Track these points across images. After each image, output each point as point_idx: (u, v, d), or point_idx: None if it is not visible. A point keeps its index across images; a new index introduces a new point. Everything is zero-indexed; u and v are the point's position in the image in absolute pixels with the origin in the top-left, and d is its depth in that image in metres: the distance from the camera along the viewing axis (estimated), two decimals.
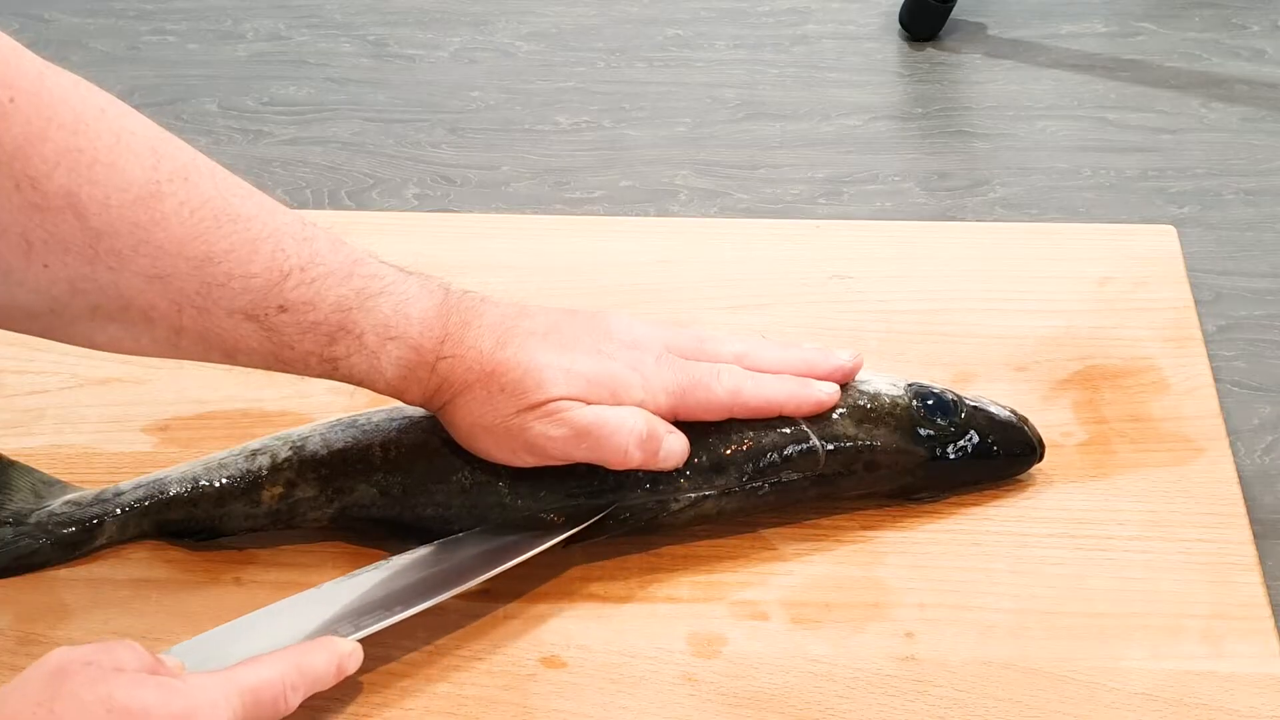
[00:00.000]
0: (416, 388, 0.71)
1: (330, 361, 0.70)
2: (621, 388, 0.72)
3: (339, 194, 1.89)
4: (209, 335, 0.69)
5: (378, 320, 0.70)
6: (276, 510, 0.75)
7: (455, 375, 0.71)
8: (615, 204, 1.87)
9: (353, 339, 0.70)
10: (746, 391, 0.73)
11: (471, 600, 0.73)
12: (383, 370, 0.71)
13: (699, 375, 0.73)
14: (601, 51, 2.14)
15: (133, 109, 0.68)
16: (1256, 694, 0.68)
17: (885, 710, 0.68)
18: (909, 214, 1.83)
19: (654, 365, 0.73)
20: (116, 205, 0.65)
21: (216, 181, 0.68)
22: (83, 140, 0.65)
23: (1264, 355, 1.63)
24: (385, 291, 0.70)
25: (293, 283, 0.68)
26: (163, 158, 0.67)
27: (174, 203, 0.66)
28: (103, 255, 0.66)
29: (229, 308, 0.68)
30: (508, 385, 0.70)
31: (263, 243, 0.68)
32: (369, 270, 0.70)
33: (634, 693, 0.69)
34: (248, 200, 0.69)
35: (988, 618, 0.71)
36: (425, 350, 0.70)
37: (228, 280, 0.67)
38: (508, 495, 0.73)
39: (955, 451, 0.76)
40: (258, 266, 0.68)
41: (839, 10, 2.21)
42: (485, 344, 0.71)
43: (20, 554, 0.74)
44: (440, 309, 0.71)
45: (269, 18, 2.22)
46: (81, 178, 0.65)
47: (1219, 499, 0.76)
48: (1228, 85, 2.04)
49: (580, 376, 0.71)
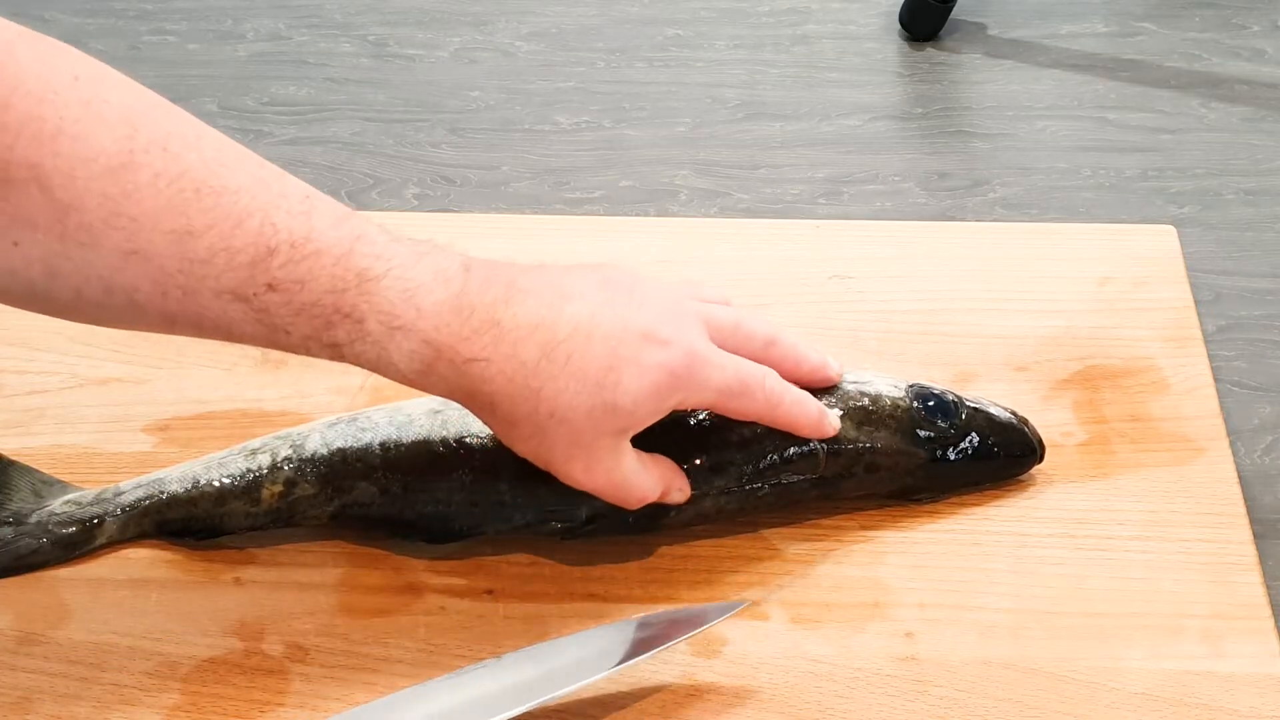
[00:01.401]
0: (441, 385, 0.67)
1: (333, 347, 0.66)
2: (671, 390, 0.68)
3: (339, 194, 1.89)
4: (201, 320, 0.65)
5: (381, 307, 0.65)
6: (276, 509, 0.75)
7: (494, 385, 0.66)
8: (615, 204, 1.87)
9: (352, 324, 0.65)
10: (782, 410, 0.72)
11: (472, 600, 0.73)
12: (394, 362, 0.66)
13: (747, 383, 0.71)
14: (601, 51, 2.14)
15: (119, 76, 0.65)
16: (1257, 694, 0.68)
17: (885, 710, 0.68)
18: (909, 214, 1.83)
19: (702, 362, 0.69)
20: (84, 177, 0.62)
21: (203, 151, 0.64)
22: (47, 109, 0.61)
23: (1264, 355, 1.63)
24: (390, 274, 0.65)
25: (281, 259, 0.64)
26: (140, 127, 0.63)
27: (148, 173, 0.62)
28: (72, 230, 0.62)
29: (215, 288, 0.64)
30: (560, 414, 0.66)
31: (250, 216, 0.63)
32: (373, 249, 0.65)
33: (634, 693, 0.69)
34: (238, 171, 0.64)
35: (988, 618, 0.71)
36: (444, 347, 0.65)
37: (210, 256, 0.63)
38: (508, 493, 0.73)
39: (956, 453, 0.76)
40: (242, 241, 0.63)
41: (839, 10, 2.21)
42: (527, 353, 0.66)
43: (20, 554, 0.74)
44: (457, 301, 0.66)
45: (269, 18, 2.22)
46: (45, 149, 0.61)
47: (1219, 499, 0.76)
48: (1228, 85, 2.04)
49: (629, 398, 0.67)
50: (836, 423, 0.74)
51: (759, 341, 0.73)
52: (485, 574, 0.74)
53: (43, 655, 0.71)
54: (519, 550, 0.75)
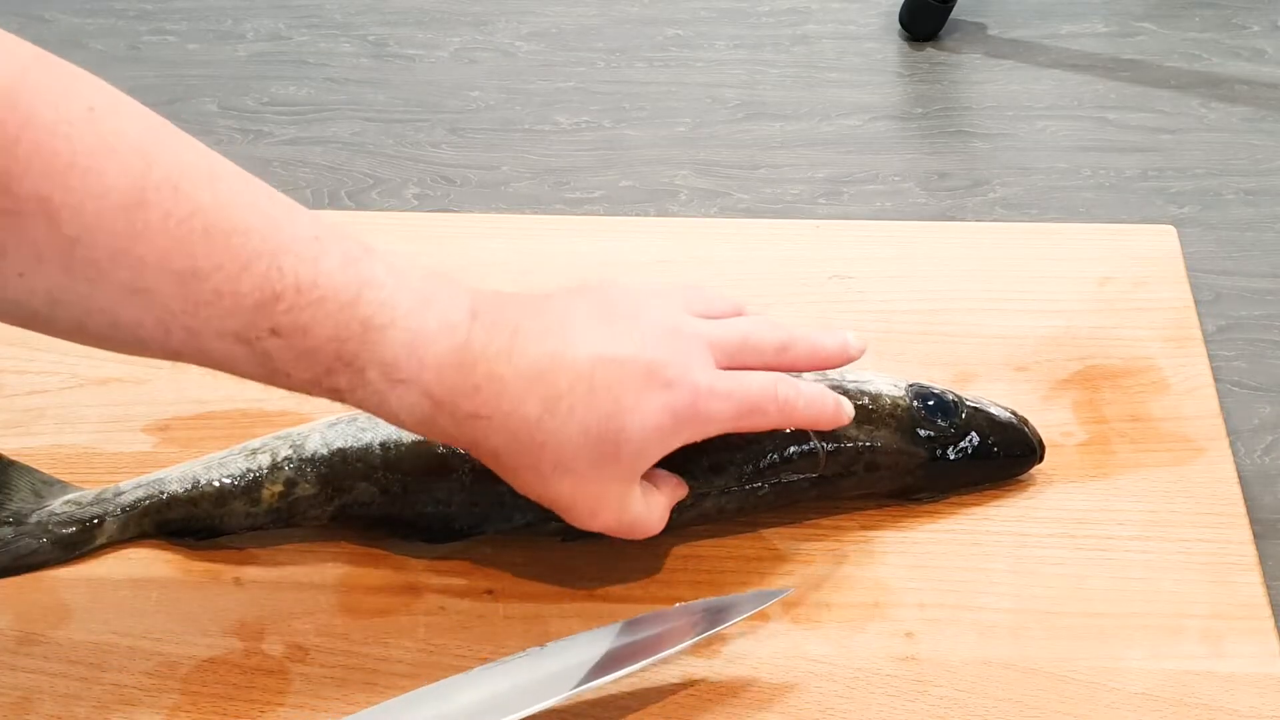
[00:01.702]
0: (443, 436, 0.67)
1: (334, 392, 0.65)
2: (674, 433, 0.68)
3: (339, 194, 1.89)
4: (204, 358, 0.64)
5: (384, 358, 0.64)
6: (277, 509, 0.75)
7: (496, 440, 0.66)
8: (615, 204, 1.87)
9: (354, 373, 0.64)
10: (795, 419, 0.71)
11: (472, 600, 0.73)
12: (395, 413, 0.65)
13: (753, 405, 0.69)
14: (601, 51, 2.14)
15: (136, 106, 0.63)
16: (1257, 694, 0.68)
17: (885, 710, 0.68)
18: (909, 214, 1.84)
19: (706, 396, 0.68)
20: (93, 212, 0.60)
21: (216, 190, 0.63)
22: (60, 143, 0.60)
23: (1264, 355, 1.64)
24: (395, 324, 0.64)
25: (285, 305, 0.62)
26: (154, 164, 0.62)
27: (159, 213, 0.61)
28: (78, 265, 0.61)
29: (219, 329, 0.63)
30: (565, 463, 0.66)
31: (258, 259, 0.62)
32: (379, 295, 0.64)
33: (634, 693, 0.69)
34: (249, 212, 0.63)
35: (988, 618, 0.71)
36: (445, 402, 0.65)
37: (216, 299, 0.62)
38: (508, 492, 0.73)
39: (955, 453, 0.76)
40: (248, 285, 0.62)
41: (839, 10, 2.21)
42: (530, 409, 0.65)
43: (20, 554, 0.74)
44: (460, 355, 0.65)
45: (269, 18, 2.22)
46: (56, 183, 0.60)
47: (1219, 499, 0.76)
48: (1228, 85, 2.05)
49: (633, 443, 0.67)
50: (851, 408, 0.73)
51: (769, 353, 0.72)
52: (485, 574, 0.74)
53: (43, 655, 0.71)
54: (519, 550, 0.75)
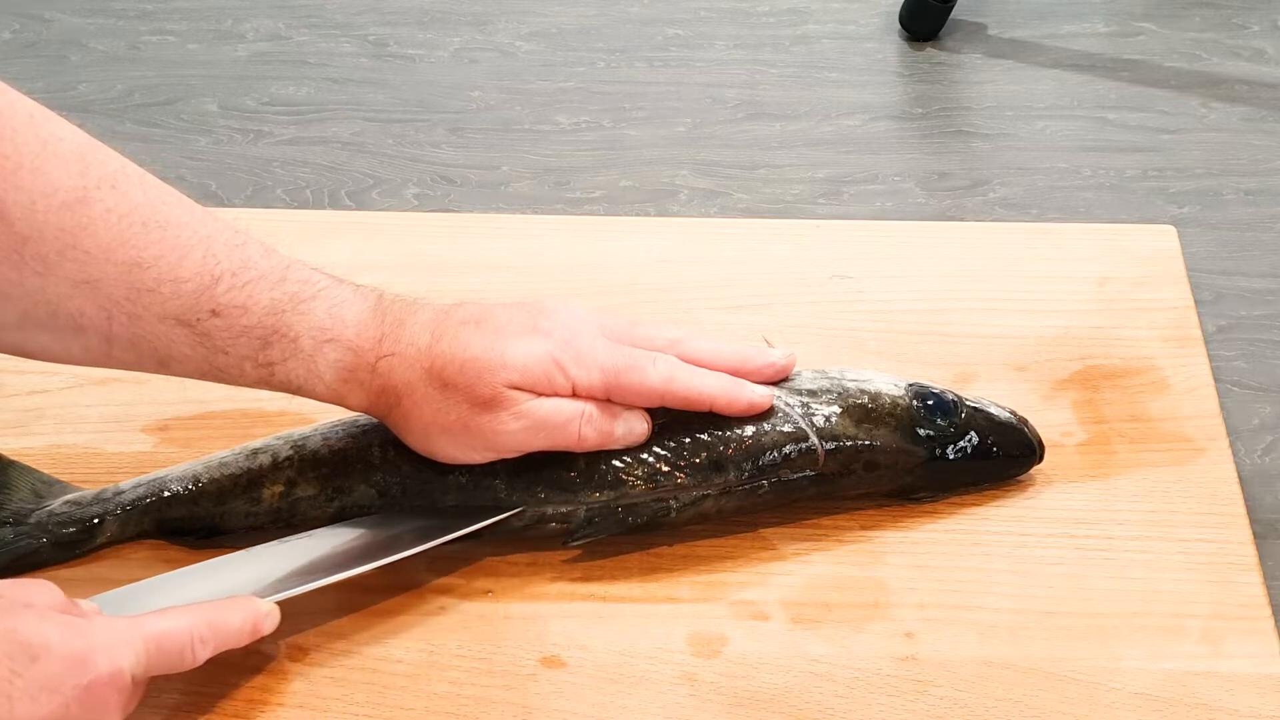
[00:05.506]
0: (359, 391, 0.72)
1: (266, 367, 0.71)
2: (557, 365, 0.71)
3: (339, 194, 1.89)
4: (140, 342, 0.69)
5: (313, 323, 0.71)
6: (277, 508, 0.75)
7: (396, 374, 0.71)
8: (615, 204, 1.87)
9: (288, 342, 0.70)
10: (679, 381, 0.73)
11: (471, 600, 0.73)
12: (321, 374, 0.71)
13: (635, 358, 0.73)
14: (601, 51, 2.14)
15: (61, 116, 0.69)
16: (1257, 694, 0.68)
17: (885, 710, 0.68)
18: (909, 214, 1.83)
19: (588, 343, 0.73)
20: (42, 210, 0.66)
21: (145, 188, 0.69)
22: (8, 146, 0.66)
23: (1264, 355, 1.64)
24: (319, 295, 0.71)
25: (224, 287, 0.69)
26: (91, 164, 0.68)
27: (101, 209, 0.67)
28: (29, 260, 0.66)
29: (160, 313, 0.69)
30: (451, 379, 0.70)
31: (193, 248, 0.69)
32: (301, 275, 0.71)
33: (634, 693, 0.69)
34: (177, 207, 0.70)
35: (988, 618, 0.72)
36: (364, 351, 0.71)
37: (157, 285, 0.68)
38: (504, 493, 0.73)
39: (955, 452, 0.76)
40: (188, 271, 0.69)
41: (839, 10, 2.21)
42: (422, 340, 0.71)
43: (20, 554, 0.74)
44: (375, 310, 0.72)
45: (269, 18, 2.22)
46: (7, 183, 0.65)
47: (1219, 499, 0.76)
48: (1228, 85, 2.04)
49: (517, 358, 0.71)
50: (758, 395, 0.74)
51: (661, 341, 0.75)
52: (485, 574, 0.74)
53: None
54: (519, 550, 0.75)
